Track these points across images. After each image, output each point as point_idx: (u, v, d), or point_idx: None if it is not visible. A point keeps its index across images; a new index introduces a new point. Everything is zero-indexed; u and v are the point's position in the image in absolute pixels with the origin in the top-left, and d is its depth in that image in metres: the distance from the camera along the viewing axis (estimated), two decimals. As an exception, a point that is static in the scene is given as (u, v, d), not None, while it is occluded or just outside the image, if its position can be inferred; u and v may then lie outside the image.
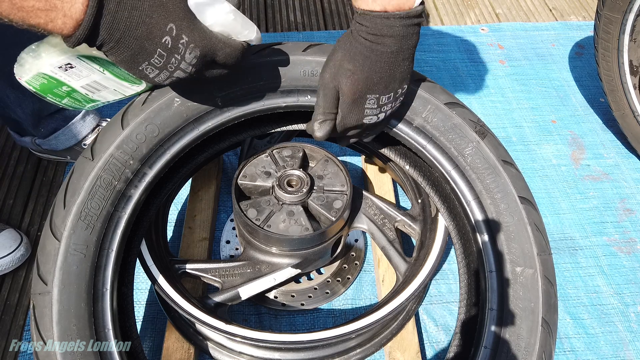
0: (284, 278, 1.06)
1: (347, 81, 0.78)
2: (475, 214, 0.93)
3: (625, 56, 1.48)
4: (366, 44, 0.75)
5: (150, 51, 0.62)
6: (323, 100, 0.81)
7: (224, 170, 1.41)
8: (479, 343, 0.87)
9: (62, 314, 0.78)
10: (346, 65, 0.77)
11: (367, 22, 0.74)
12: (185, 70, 0.67)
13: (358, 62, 0.76)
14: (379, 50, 0.75)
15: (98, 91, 0.73)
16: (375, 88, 0.79)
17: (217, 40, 0.68)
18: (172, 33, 0.62)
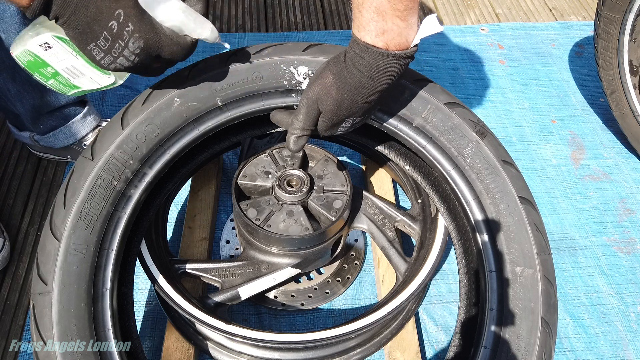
0: (283, 278, 1.06)
1: (332, 106, 0.79)
2: (475, 214, 0.93)
3: (625, 56, 1.48)
4: (359, 77, 0.75)
5: (97, 33, 0.66)
6: (305, 117, 0.81)
7: (224, 170, 1.41)
8: (479, 343, 0.87)
9: (62, 314, 0.78)
10: (334, 93, 0.78)
11: (366, 56, 0.74)
12: (128, 58, 0.69)
13: (347, 92, 0.77)
14: (371, 85, 0.76)
15: (77, 77, 0.76)
16: (356, 113, 0.82)
17: (163, 36, 0.70)
18: (119, 19, 0.66)
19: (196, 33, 0.73)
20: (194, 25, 0.72)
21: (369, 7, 0.70)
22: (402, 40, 0.72)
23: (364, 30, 0.72)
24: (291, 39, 1.91)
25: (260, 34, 1.92)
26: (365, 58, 0.73)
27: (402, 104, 0.95)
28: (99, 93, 1.60)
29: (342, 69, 0.76)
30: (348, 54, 0.76)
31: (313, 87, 0.79)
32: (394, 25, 0.71)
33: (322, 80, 0.78)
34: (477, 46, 1.90)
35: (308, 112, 0.81)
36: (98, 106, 1.56)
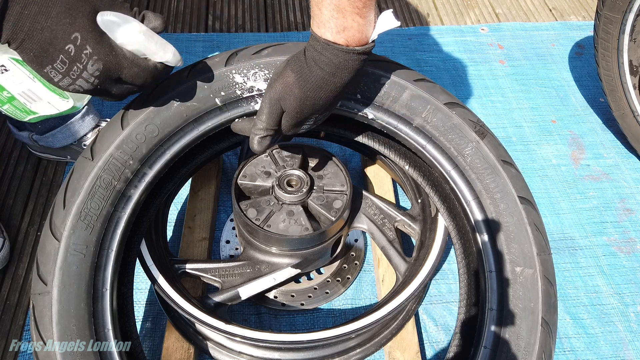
0: (283, 278, 1.06)
1: (295, 105, 0.79)
2: (474, 214, 0.93)
3: (625, 56, 1.48)
4: (322, 74, 0.76)
5: (54, 56, 0.65)
6: (268, 117, 0.81)
7: (224, 170, 1.41)
8: (479, 343, 0.87)
9: (61, 314, 0.78)
10: (297, 92, 0.78)
11: (327, 53, 0.74)
12: (87, 80, 0.68)
13: (310, 90, 0.77)
14: (333, 81, 0.77)
15: (34, 101, 0.75)
16: (319, 111, 0.82)
17: (123, 58, 0.70)
18: (76, 42, 0.65)
19: (158, 56, 0.72)
20: (155, 48, 0.71)
21: (329, 5, 0.71)
22: (362, 36, 0.74)
23: (324, 27, 0.73)
24: (291, 39, 1.91)
25: (260, 34, 1.92)
26: (327, 55, 0.74)
27: (402, 104, 0.95)
28: (99, 93, 1.60)
29: (303, 67, 0.77)
30: (308, 52, 0.76)
31: (275, 87, 0.79)
32: (353, 22, 0.72)
33: (284, 79, 0.78)
34: (477, 46, 1.90)
35: (271, 111, 0.80)
36: (98, 106, 1.56)
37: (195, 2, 2.04)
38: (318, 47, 0.75)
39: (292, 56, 0.79)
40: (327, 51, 0.74)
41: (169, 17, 1.96)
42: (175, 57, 0.73)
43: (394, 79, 0.96)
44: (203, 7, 2.02)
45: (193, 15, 1.98)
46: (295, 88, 0.77)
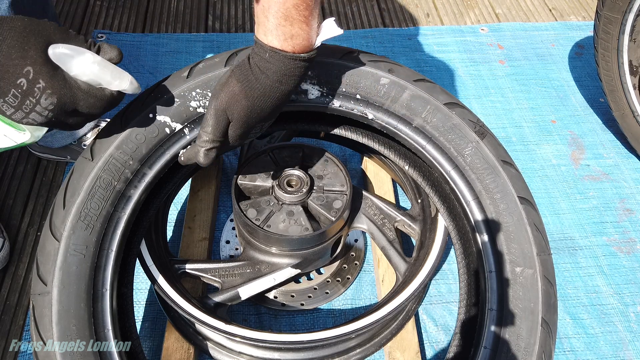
0: (283, 278, 1.06)
1: (242, 114, 0.78)
2: (474, 214, 0.93)
3: (625, 56, 1.48)
4: (268, 82, 0.76)
5: (5, 90, 0.64)
6: (214, 128, 0.79)
7: (223, 170, 1.41)
8: (479, 343, 0.87)
9: (61, 315, 0.78)
10: (244, 101, 0.77)
11: (274, 61, 0.74)
12: (41, 114, 0.68)
13: (257, 98, 0.77)
14: (280, 89, 0.77)
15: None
16: (266, 119, 0.82)
17: (78, 90, 0.69)
18: (28, 76, 0.65)
19: (114, 85, 0.72)
20: (110, 77, 0.71)
21: (277, 13, 0.72)
22: (308, 43, 0.75)
23: (271, 35, 0.73)
24: (291, 39, 1.91)
25: (260, 34, 1.92)
26: (274, 62, 0.74)
27: (401, 104, 0.95)
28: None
29: (249, 76, 0.76)
30: (253, 60, 0.76)
31: (220, 97, 0.77)
32: (300, 30, 0.73)
33: (229, 88, 0.77)
34: (477, 46, 1.90)
35: (217, 122, 0.78)
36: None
37: (195, 2, 2.04)
38: (264, 54, 0.75)
39: (236, 65, 0.78)
40: (275, 59, 0.74)
41: (169, 17, 1.96)
42: (132, 84, 0.73)
43: (393, 79, 0.96)
44: (203, 7, 2.02)
45: (193, 15, 1.98)
46: (242, 97, 0.77)
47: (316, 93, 0.95)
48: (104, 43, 0.72)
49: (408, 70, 0.98)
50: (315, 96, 0.96)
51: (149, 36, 1.85)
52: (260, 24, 0.74)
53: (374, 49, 1.86)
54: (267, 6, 0.72)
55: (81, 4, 1.95)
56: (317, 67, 0.95)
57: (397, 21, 2.02)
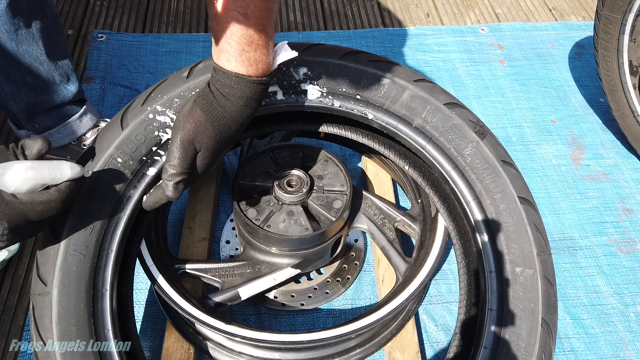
0: (283, 278, 1.06)
1: (211, 143, 0.78)
2: (474, 214, 0.93)
3: (625, 56, 1.48)
4: (233, 108, 0.77)
5: None
6: (181, 160, 0.77)
7: (224, 170, 1.41)
8: (479, 343, 0.87)
9: (61, 315, 0.78)
10: (211, 130, 0.77)
11: (240, 86, 0.75)
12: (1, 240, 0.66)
13: (224, 126, 0.78)
14: (245, 113, 0.79)
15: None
16: (231, 143, 0.83)
17: (23, 205, 0.66)
18: None
19: (57, 179, 0.69)
20: (49, 175, 0.68)
21: (241, 39, 0.73)
22: (268, 67, 0.78)
23: (235, 61, 0.74)
24: (291, 38, 1.91)
25: (260, 34, 1.92)
26: (239, 88, 0.76)
27: (402, 105, 0.95)
28: (99, 93, 1.60)
29: (213, 104, 0.76)
30: (215, 87, 0.77)
31: (185, 128, 0.76)
32: (262, 55, 0.75)
33: (195, 119, 0.76)
34: (477, 46, 1.90)
35: (184, 154, 0.77)
36: (98, 107, 1.56)
37: (195, 2, 2.04)
38: (229, 81, 0.75)
39: (197, 94, 0.78)
40: (240, 84, 0.75)
41: (169, 17, 1.96)
42: (74, 170, 0.70)
43: (393, 80, 0.96)
44: (203, 7, 2.02)
45: (193, 15, 1.98)
46: (208, 127, 0.77)
47: (316, 93, 0.95)
48: (26, 139, 0.69)
49: (408, 71, 0.98)
50: (315, 96, 0.96)
51: (149, 36, 1.85)
52: (222, 51, 0.75)
53: (374, 49, 1.86)
54: (229, 33, 0.73)
55: (81, 4, 1.95)
56: (318, 67, 0.95)
57: (397, 21, 2.02)
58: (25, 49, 1.11)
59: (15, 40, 1.08)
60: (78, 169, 0.71)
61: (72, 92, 1.26)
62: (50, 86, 1.21)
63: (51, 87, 1.21)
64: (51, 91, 1.22)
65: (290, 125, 1.10)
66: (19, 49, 1.10)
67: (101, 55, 1.74)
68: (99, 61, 1.72)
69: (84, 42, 1.80)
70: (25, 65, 1.14)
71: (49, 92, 1.22)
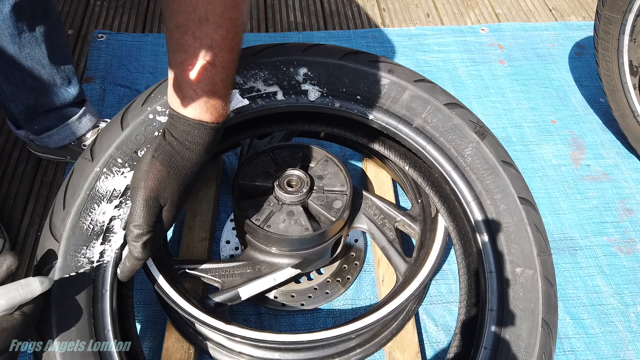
0: (283, 278, 1.06)
1: (176, 197, 0.77)
2: (475, 214, 0.93)
3: (625, 56, 1.48)
4: (195, 157, 0.76)
5: None
6: (147, 219, 0.74)
7: (223, 170, 1.41)
8: (479, 344, 0.87)
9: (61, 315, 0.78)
10: (175, 184, 0.76)
11: (202, 134, 0.75)
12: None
13: (187, 176, 0.77)
14: (205, 158, 0.79)
15: None
16: (194, 189, 0.83)
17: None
18: None
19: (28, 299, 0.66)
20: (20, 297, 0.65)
21: (206, 87, 0.74)
22: (226, 113, 0.79)
23: (200, 108, 0.74)
24: (291, 39, 1.91)
25: (260, 34, 1.92)
26: (200, 135, 0.76)
27: (402, 105, 0.95)
28: (99, 93, 1.60)
29: (173, 156, 0.75)
30: (173, 136, 0.76)
31: (147, 185, 0.74)
32: (223, 102, 0.77)
33: (156, 174, 0.75)
34: (477, 46, 1.90)
35: (149, 212, 0.75)
36: (98, 107, 1.56)
37: (195, 2, 2.03)
38: (189, 129, 0.75)
39: (153, 148, 0.76)
40: (202, 132, 0.75)
41: (169, 17, 1.96)
42: (44, 284, 0.66)
43: (393, 80, 0.96)
44: (203, 7, 2.01)
45: (193, 15, 1.98)
46: (172, 180, 0.76)
47: (317, 94, 0.95)
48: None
49: (408, 71, 0.99)
50: (315, 97, 0.96)
51: (149, 36, 1.85)
52: (186, 98, 0.74)
53: (374, 49, 1.86)
54: (196, 81, 0.73)
55: (81, 4, 1.95)
56: (318, 68, 0.95)
57: (397, 21, 2.02)
58: (28, 52, 1.11)
59: (18, 43, 1.08)
60: (47, 282, 0.67)
61: (72, 94, 1.26)
62: (51, 88, 1.21)
63: (52, 90, 1.21)
64: (52, 93, 1.22)
65: (290, 125, 1.10)
66: (22, 52, 1.10)
67: (101, 55, 1.74)
68: (99, 61, 1.72)
69: (84, 42, 1.80)
70: (27, 68, 1.14)
71: (50, 95, 1.22)
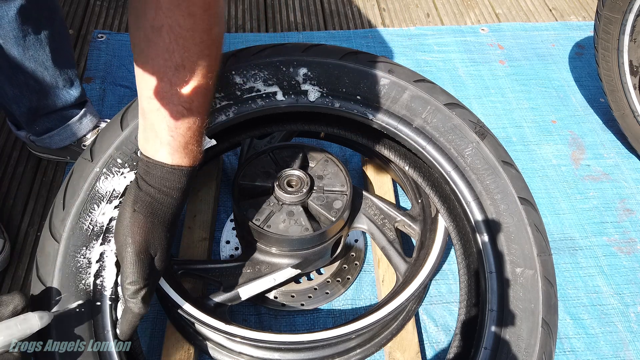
0: (284, 278, 1.06)
1: (165, 244, 0.77)
2: (475, 214, 0.93)
3: (625, 56, 1.48)
4: (175, 202, 0.76)
5: None
6: (141, 272, 0.73)
7: (224, 170, 1.41)
8: (479, 344, 0.87)
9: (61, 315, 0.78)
10: (161, 232, 0.75)
11: (180, 179, 0.75)
12: None
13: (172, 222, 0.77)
14: (184, 200, 0.79)
15: None
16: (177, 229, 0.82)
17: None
18: None
19: (26, 335, 0.66)
20: (19, 333, 0.65)
21: (186, 133, 0.74)
22: (201, 154, 0.79)
23: (178, 153, 0.74)
24: (291, 39, 1.91)
25: (260, 34, 1.92)
26: (178, 180, 0.75)
27: (401, 105, 0.95)
28: (99, 93, 1.60)
29: (153, 204, 0.75)
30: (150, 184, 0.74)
31: (135, 239, 0.73)
32: (199, 146, 0.77)
33: (140, 227, 0.73)
34: (477, 46, 1.90)
35: (142, 265, 0.73)
36: (98, 107, 1.56)
37: (195, 2, 2.03)
38: (168, 175, 0.75)
39: (130, 200, 0.74)
40: (180, 176, 0.75)
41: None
42: (43, 319, 0.66)
43: (393, 80, 0.96)
44: (203, 7, 2.01)
45: (193, 15, 1.98)
46: (157, 229, 0.75)
47: (316, 94, 0.95)
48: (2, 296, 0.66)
49: (408, 71, 0.99)
50: (315, 97, 0.96)
51: (149, 36, 1.85)
52: (164, 144, 0.73)
53: (374, 49, 1.86)
54: (174, 126, 0.73)
55: (81, 4, 1.95)
56: (318, 68, 0.95)
57: (397, 21, 2.02)
58: (32, 55, 1.11)
59: (23, 45, 1.08)
60: (47, 317, 0.67)
61: (74, 96, 1.26)
62: (54, 91, 1.21)
63: (54, 92, 1.21)
64: (54, 95, 1.22)
65: (290, 125, 1.10)
66: (25, 54, 1.10)
67: (101, 55, 1.74)
68: (99, 61, 1.72)
69: (84, 42, 1.80)
70: (30, 70, 1.14)
71: (52, 97, 1.22)
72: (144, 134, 0.76)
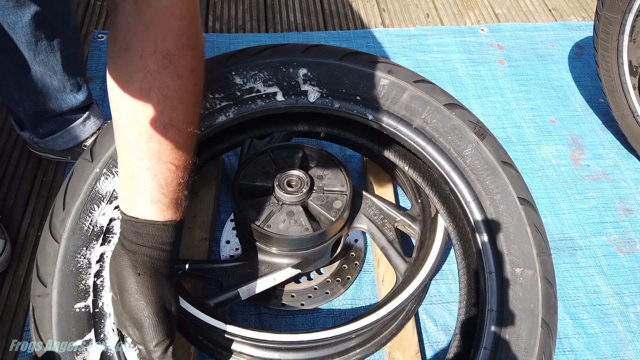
0: (283, 278, 1.06)
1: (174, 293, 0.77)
2: (474, 214, 0.93)
3: (625, 56, 1.48)
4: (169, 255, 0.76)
5: None
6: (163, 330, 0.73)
7: (224, 170, 1.41)
8: (479, 344, 0.87)
9: (61, 316, 0.78)
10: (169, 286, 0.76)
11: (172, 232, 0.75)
12: None
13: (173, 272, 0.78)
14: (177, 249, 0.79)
15: None
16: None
17: None
18: None
19: None
20: None
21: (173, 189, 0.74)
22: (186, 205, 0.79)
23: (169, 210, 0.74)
24: (291, 39, 1.91)
25: (260, 35, 1.92)
26: (171, 235, 0.75)
27: (401, 105, 0.96)
28: (100, 93, 1.60)
29: (153, 264, 0.74)
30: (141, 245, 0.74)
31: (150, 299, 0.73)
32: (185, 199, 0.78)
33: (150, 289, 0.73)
34: (476, 46, 1.90)
35: (162, 323, 0.73)
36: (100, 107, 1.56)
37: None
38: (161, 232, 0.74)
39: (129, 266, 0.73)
40: (172, 232, 0.75)
41: (169, 17, 1.96)
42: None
43: (393, 80, 0.96)
44: (203, 8, 2.02)
45: (193, 16, 1.98)
46: (164, 283, 0.75)
47: (316, 94, 0.96)
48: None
49: (408, 71, 0.99)
50: (315, 97, 0.96)
51: (149, 36, 1.85)
52: (153, 202, 0.73)
53: (374, 50, 1.86)
54: (164, 183, 0.73)
55: (81, 4, 1.95)
56: (317, 68, 0.95)
57: (397, 21, 2.02)
58: (42, 59, 1.11)
59: (34, 50, 1.08)
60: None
61: (80, 100, 1.26)
62: (60, 94, 1.21)
63: (61, 96, 1.21)
64: (60, 99, 1.22)
65: (290, 126, 1.10)
66: (36, 59, 1.10)
67: (101, 56, 1.74)
68: (100, 61, 1.72)
69: (84, 42, 1.80)
70: (39, 74, 1.14)
71: (58, 100, 1.22)
72: (128, 193, 0.74)
